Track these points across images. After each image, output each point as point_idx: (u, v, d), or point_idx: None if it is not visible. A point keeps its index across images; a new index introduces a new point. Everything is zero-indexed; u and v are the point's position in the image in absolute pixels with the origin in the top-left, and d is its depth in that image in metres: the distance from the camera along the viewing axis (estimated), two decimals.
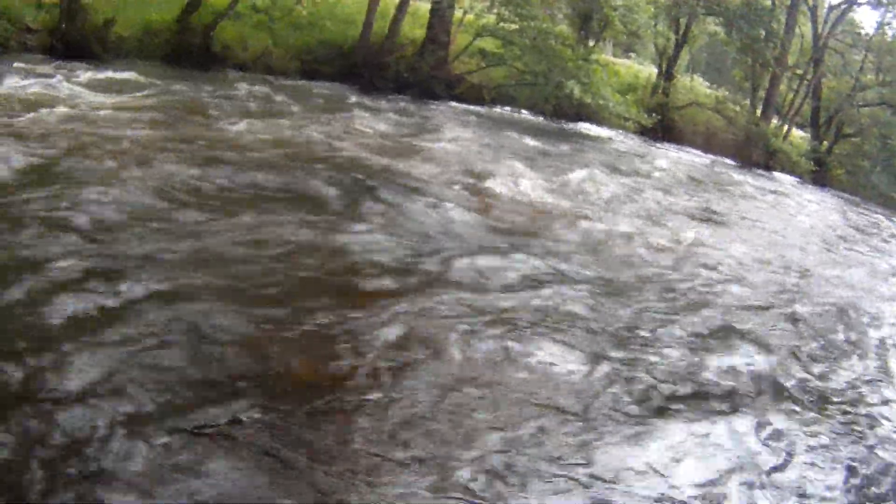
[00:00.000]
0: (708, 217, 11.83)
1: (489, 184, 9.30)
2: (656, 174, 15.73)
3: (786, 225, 14.73)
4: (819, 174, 32.40)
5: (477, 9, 20.20)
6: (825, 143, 35.50)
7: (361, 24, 18.09)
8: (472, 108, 19.06)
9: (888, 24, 37.39)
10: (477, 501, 3.00)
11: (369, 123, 12.14)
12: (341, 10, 19.94)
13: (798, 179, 30.26)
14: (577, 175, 11.82)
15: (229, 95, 12.01)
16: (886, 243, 16.59)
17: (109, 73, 12.06)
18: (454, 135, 13.19)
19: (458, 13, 20.33)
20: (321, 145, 9.25)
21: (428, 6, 19.91)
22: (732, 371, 5.03)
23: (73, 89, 10.20)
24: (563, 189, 10.33)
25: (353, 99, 15.18)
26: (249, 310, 4.19)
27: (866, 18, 68.44)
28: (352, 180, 7.60)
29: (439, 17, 19.40)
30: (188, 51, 15.20)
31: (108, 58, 13.72)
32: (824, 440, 4.35)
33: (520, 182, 9.86)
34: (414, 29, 20.22)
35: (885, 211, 30.94)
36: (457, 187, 8.66)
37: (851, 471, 4.06)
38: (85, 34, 13.70)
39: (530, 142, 15.08)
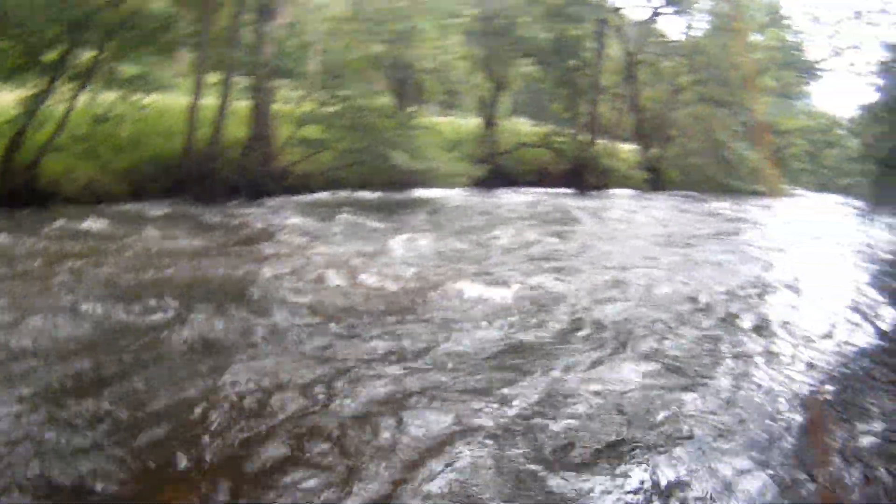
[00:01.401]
0: (542, 256, 12.81)
1: (323, 274, 9.84)
2: (488, 223, 17.06)
3: (622, 239, 16.72)
4: (654, 181, 35.27)
5: (295, 97, 21.05)
6: (654, 150, 38.68)
7: (185, 135, 18.73)
8: (304, 198, 20.01)
9: (693, 27, 40.95)
10: None
11: (194, 237, 12.50)
12: (164, 124, 20.37)
13: (635, 191, 32.96)
14: (408, 245, 12.75)
15: (47, 234, 11.89)
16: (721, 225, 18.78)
17: None
18: (283, 231, 13.86)
19: (277, 105, 21.30)
20: (140, 272, 9.42)
21: (247, 104, 20.78)
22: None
23: None
24: (393, 263, 11.06)
25: (182, 212, 15.67)
26: None
27: (672, 26, 73.35)
28: (170, 301, 7.93)
29: (260, 114, 20.48)
30: (13, 191, 15.25)
31: None
32: None
33: (348, 265, 10.56)
34: (237, 130, 20.91)
35: (720, 197, 34.12)
36: (288, 285, 9.17)
37: None
38: None
39: (362, 220, 16.07)
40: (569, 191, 30.11)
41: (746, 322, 8.99)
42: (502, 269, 11.39)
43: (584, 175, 31.71)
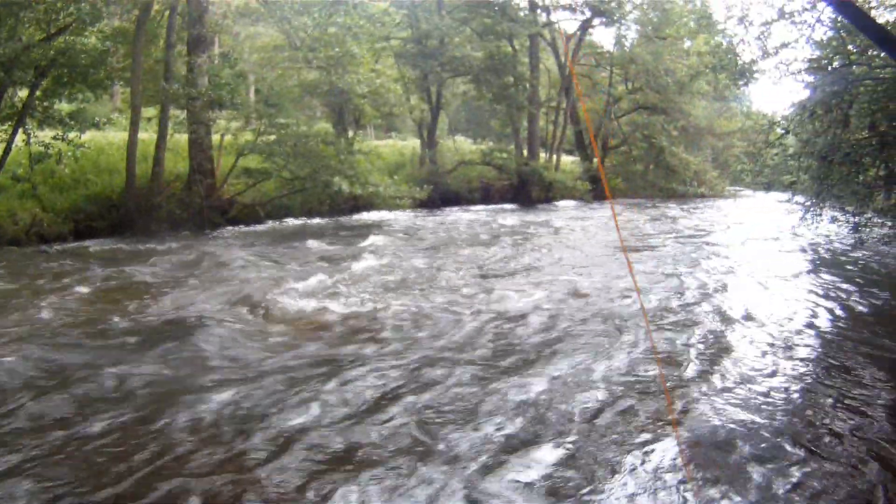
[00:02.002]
0: (482, 271, 13.52)
1: (269, 304, 10.21)
2: (430, 246, 17.54)
3: (565, 248, 17.43)
4: (598, 191, 36.09)
5: (233, 128, 21.31)
6: (595, 160, 39.66)
7: (125, 171, 18.83)
8: (249, 228, 20.35)
9: (624, 36, 42.01)
10: None
11: (139, 275, 12.65)
12: (104, 161, 20.64)
13: (579, 202, 33.76)
14: (348, 269, 13.28)
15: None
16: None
17: None
18: (227, 263, 14.07)
19: (216, 137, 21.57)
20: (78, 314, 9.66)
21: (186, 136, 20.87)
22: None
23: None
24: (338, 289, 11.43)
25: (126, 249, 15.88)
26: None
27: (604, 38, 74.90)
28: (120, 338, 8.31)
29: (199, 146, 20.59)
30: None
31: None
32: None
33: (294, 294, 10.86)
34: (178, 163, 21.32)
35: (663, 202, 35.15)
36: (236, 315, 9.55)
37: None
38: None
39: (305, 249, 16.50)
40: (513, 206, 30.84)
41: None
42: (443, 292, 11.87)
43: (527, 189, 32.49)
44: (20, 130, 17.25)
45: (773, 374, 7.34)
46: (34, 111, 17.52)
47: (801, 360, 8.01)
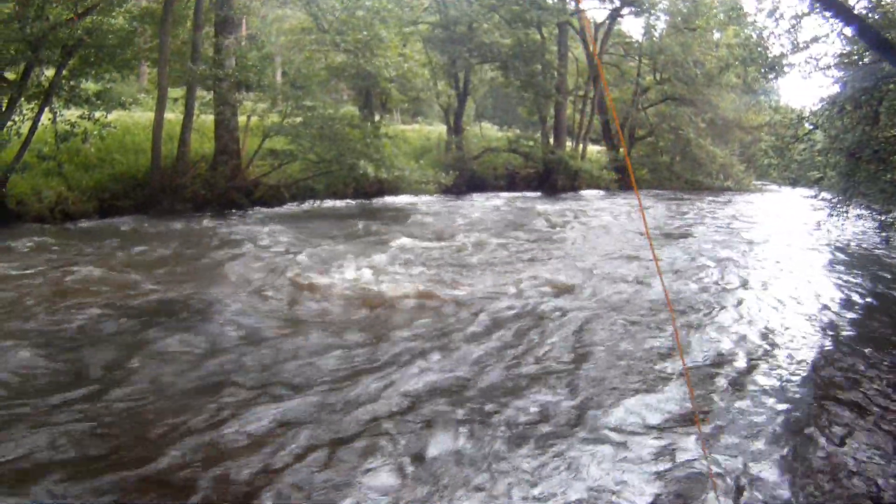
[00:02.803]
0: (509, 257, 13.38)
1: (298, 282, 10.20)
2: (458, 230, 17.39)
3: (591, 237, 17.20)
4: (623, 181, 35.85)
5: (260, 109, 21.10)
6: (622, 150, 39.35)
7: (151, 151, 18.86)
8: (273, 210, 20.28)
9: (653, 26, 41.60)
10: None
11: (165, 252, 12.74)
12: (130, 141, 20.59)
13: (605, 192, 33.51)
14: (374, 253, 13.06)
15: (18, 253, 12.24)
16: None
17: None
18: (254, 243, 14.00)
19: (242, 118, 21.45)
20: (117, 286, 9.77)
21: (213, 118, 20.91)
22: None
23: None
24: (362, 270, 11.28)
25: (152, 229, 15.79)
26: None
27: (633, 27, 74.37)
28: (138, 318, 8.23)
29: (225, 128, 20.63)
30: None
31: None
32: None
33: (326, 273, 10.86)
34: (203, 144, 21.30)
35: (689, 194, 34.85)
36: (266, 294, 9.52)
37: None
38: None
39: (332, 230, 16.40)
40: (538, 194, 30.60)
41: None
42: (469, 276, 11.72)
43: (553, 178, 32.23)
44: (46, 109, 17.17)
45: (790, 372, 7.20)
46: (60, 90, 17.39)
47: (820, 355, 7.91)
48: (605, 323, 8.70)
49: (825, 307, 10.39)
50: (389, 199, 24.38)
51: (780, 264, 14.49)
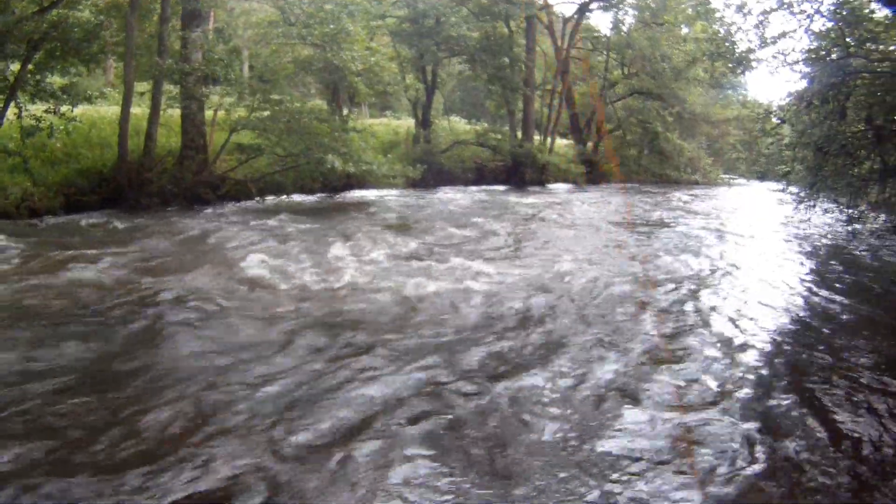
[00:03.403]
0: (475, 251, 13.51)
1: (260, 277, 10.30)
2: (426, 223, 17.58)
3: (560, 229, 17.60)
4: (591, 174, 36.26)
5: (227, 104, 21.01)
6: (590, 144, 39.75)
7: (117, 146, 18.73)
8: (240, 205, 20.22)
9: (622, 21, 41.88)
10: None
11: (131, 248, 12.70)
12: (96, 136, 20.48)
13: (573, 185, 33.84)
14: (345, 248, 13.15)
15: None
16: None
17: None
18: (217, 238, 14.07)
19: (209, 113, 21.45)
20: (79, 282, 9.78)
21: (179, 112, 20.83)
22: None
23: None
24: (328, 265, 11.46)
25: (119, 225, 15.75)
26: None
27: (601, 21, 74.80)
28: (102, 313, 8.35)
29: (191, 122, 20.57)
30: None
31: None
32: None
33: (289, 268, 10.96)
34: (170, 139, 21.22)
35: (656, 187, 35.25)
36: (233, 294, 9.49)
37: None
38: None
39: (298, 225, 16.45)
40: (506, 187, 30.82)
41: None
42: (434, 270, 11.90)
43: (521, 171, 32.45)
44: (11, 104, 17.08)
45: (756, 362, 7.49)
46: (26, 84, 17.31)
47: (784, 339, 8.33)
48: (577, 312, 8.97)
49: (793, 295, 10.73)
50: (357, 193, 24.43)
51: (746, 255, 14.86)
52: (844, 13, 15.93)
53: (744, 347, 7.96)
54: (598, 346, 7.71)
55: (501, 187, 30.79)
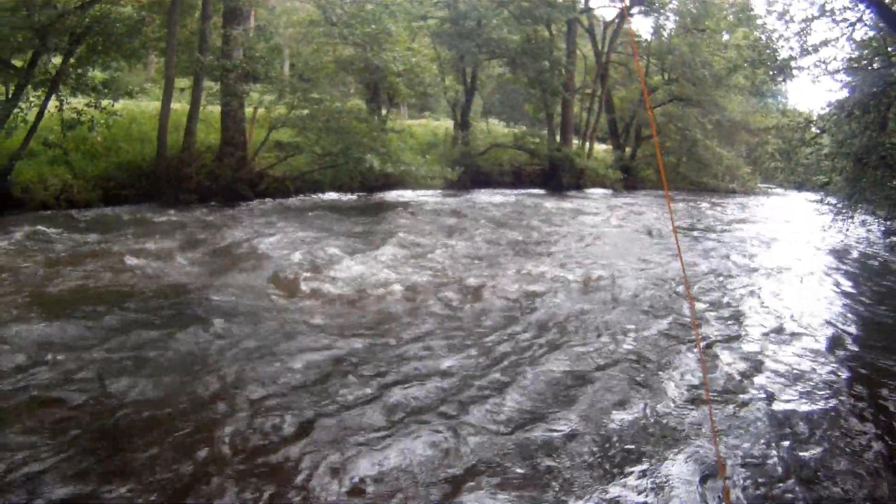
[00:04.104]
0: (514, 251, 13.36)
1: (299, 275, 10.12)
2: (465, 225, 17.30)
3: (597, 235, 17.07)
4: (629, 180, 35.78)
5: (267, 101, 21.11)
6: (628, 150, 39.26)
7: (157, 141, 18.74)
8: (278, 202, 20.11)
9: (663, 26, 41.38)
10: None
11: (168, 242, 12.64)
12: (136, 130, 20.53)
13: (610, 191, 33.41)
14: (380, 246, 13.03)
15: (24, 241, 12.12)
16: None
17: None
18: (258, 236, 13.88)
19: (249, 110, 21.41)
20: (124, 275, 9.74)
21: (219, 109, 20.86)
22: None
23: None
24: (367, 264, 11.24)
25: (156, 219, 15.69)
26: None
27: (642, 26, 73.91)
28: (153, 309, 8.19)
29: (231, 119, 20.52)
30: None
31: None
32: None
33: (327, 267, 10.77)
34: (209, 134, 21.21)
35: (694, 195, 34.71)
36: (270, 290, 9.39)
37: None
38: None
39: (337, 224, 16.30)
40: (543, 191, 30.49)
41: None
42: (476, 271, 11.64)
43: (558, 175, 32.09)
44: (53, 97, 17.07)
45: (795, 373, 7.24)
46: (68, 78, 17.33)
47: (825, 349, 8.10)
48: (623, 315, 8.69)
49: (830, 305, 10.36)
50: (394, 194, 24.21)
51: (784, 264, 14.42)
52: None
53: (783, 349, 7.89)
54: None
55: (539, 191, 30.46)
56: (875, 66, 16.23)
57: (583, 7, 35.61)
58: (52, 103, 17.18)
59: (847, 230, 18.12)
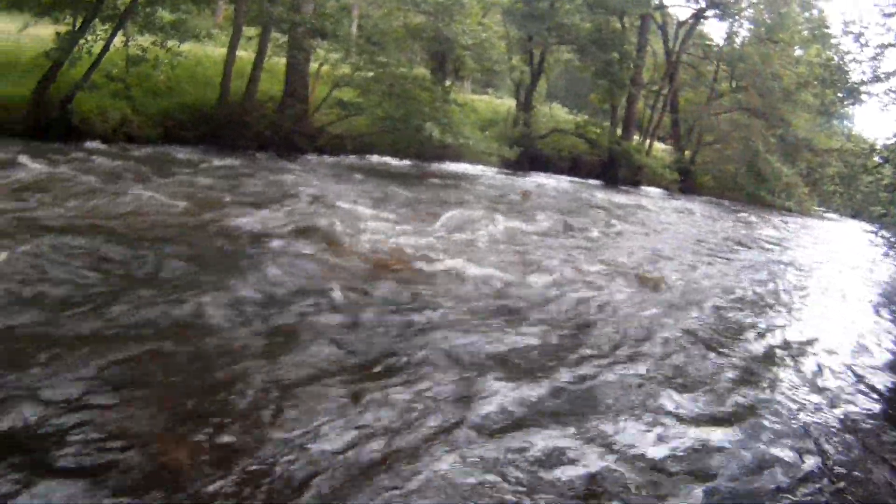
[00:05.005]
0: (576, 245, 12.68)
1: (360, 238, 9.67)
2: (518, 206, 16.72)
3: (651, 237, 16.52)
4: (686, 183, 35.03)
5: (332, 59, 20.97)
6: (687, 152, 38.49)
7: (220, 86, 18.85)
8: (334, 159, 19.90)
9: (736, 33, 40.56)
10: None
11: (224, 185, 12.45)
12: (200, 73, 20.56)
13: (665, 191, 32.69)
14: (434, 214, 12.51)
15: (87, 169, 11.94)
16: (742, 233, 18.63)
17: None
18: (315, 190, 13.46)
19: (314, 65, 21.29)
20: (174, 213, 9.58)
21: (284, 61, 20.78)
22: None
23: None
24: (417, 231, 10.84)
25: (215, 162, 15.43)
26: None
27: (715, 30, 72.64)
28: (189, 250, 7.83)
29: (296, 72, 20.45)
30: (46, 125, 15.31)
31: None
32: None
33: (370, 228, 10.35)
34: (273, 85, 21.02)
35: (750, 208, 33.81)
36: (313, 242, 8.97)
37: None
38: None
39: (394, 188, 15.76)
40: (599, 182, 29.91)
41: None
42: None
43: (615, 168, 31.55)
44: (119, 33, 16.97)
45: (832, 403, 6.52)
46: (136, 16, 17.28)
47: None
48: (678, 313, 8.26)
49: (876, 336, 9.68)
50: (450, 165, 23.86)
51: (829, 292, 13.63)
52: None
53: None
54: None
55: (594, 181, 29.80)
56: None
57: (657, 3, 34.87)
58: (119, 39, 17.10)
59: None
